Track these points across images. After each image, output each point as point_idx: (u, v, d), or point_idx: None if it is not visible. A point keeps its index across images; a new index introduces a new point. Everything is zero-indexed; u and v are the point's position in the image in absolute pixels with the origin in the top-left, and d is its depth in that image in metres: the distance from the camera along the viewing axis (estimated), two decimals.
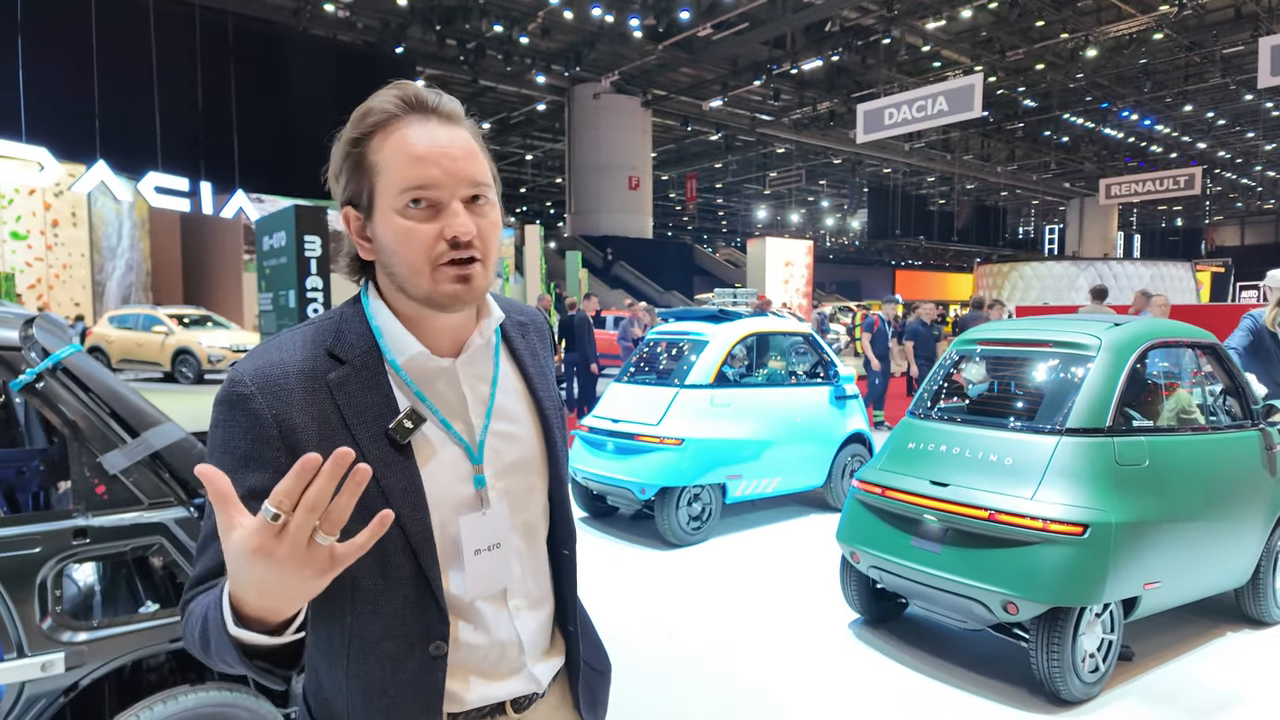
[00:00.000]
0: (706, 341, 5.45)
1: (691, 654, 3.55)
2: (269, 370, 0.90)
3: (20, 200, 13.49)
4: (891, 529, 3.43)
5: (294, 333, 0.96)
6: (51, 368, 2.01)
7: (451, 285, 0.89)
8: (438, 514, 0.93)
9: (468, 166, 0.89)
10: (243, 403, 0.87)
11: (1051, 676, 2.98)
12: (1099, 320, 3.63)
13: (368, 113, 0.90)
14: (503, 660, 0.99)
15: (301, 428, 0.87)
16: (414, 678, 0.93)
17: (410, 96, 0.90)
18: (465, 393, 0.98)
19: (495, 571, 0.97)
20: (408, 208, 0.87)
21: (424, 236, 0.88)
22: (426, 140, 0.88)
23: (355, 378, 0.91)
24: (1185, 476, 3.32)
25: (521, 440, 1.02)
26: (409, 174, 0.87)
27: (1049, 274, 29.93)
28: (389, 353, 0.93)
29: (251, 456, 0.87)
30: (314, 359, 0.91)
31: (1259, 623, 3.75)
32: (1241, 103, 27.18)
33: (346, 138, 0.91)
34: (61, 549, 1.94)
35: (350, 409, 0.90)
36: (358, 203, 0.91)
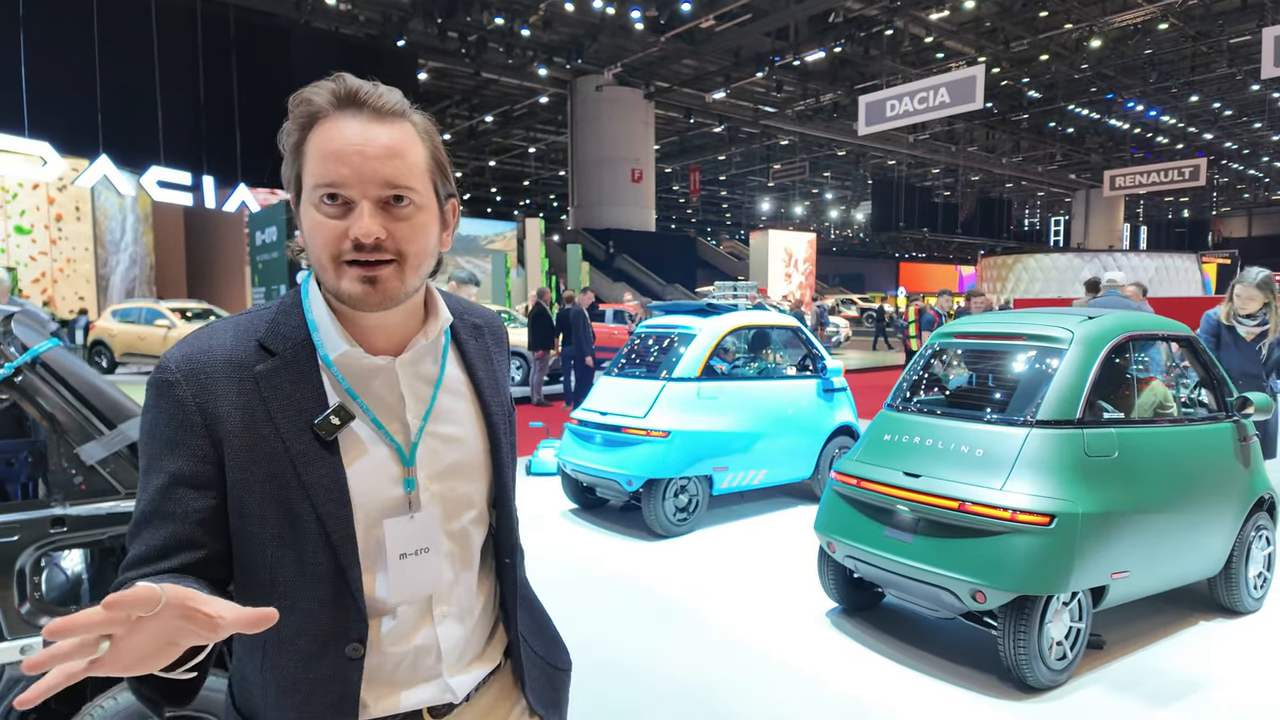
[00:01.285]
0: (694, 335, 5.50)
1: (670, 640, 3.61)
2: (195, 358, 0.89)
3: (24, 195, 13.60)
4: (866, 519, 3.48)
5: (227, 321, 0.95)
6: (30, 362, 2.08)
7: (354, 285, 0.87)
8: (363, 514, 0.91)
9: (382, 166, 0.86)
10: (168, 389, 0.88)
11: (1018, 664, 3.03)
12: (1073, 314, 3.66)
13: (300, 102, 0.89)
14: (417, 668, 0.97)
15: (225, 418, 0.87)
16: (328, 677, 0.91)
17: (343, 90, 0.88)
18: (404, 392, 0.96)
19: (422, 577, 0.95)
20: (321, 202, 0.87)
21: (330, 232, 0.86)
22: (343, 137, 0.86)
23: (285, 370, 0.91)
24: (1156, 468, 3.36)
25: (463, 444, 1.00)
26: (320, 170, 0.86)
27: (1053, 266, 29.84)
28: (322, 348, 0.92)
29: (175, 443, 0.88)
30: (243, 349, 0.91)
31: (1232, 612, 3.79)
32: (1248, 93, 26.96)
33: (288, 124, 0.90)
34: (39, 537, 2.01)
35: (276, 402, 0.89)
36: (288, 185, 0.92)
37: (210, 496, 0.88)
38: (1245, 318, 4.55)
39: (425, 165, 0.91)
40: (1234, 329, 4.56)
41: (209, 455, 0.88)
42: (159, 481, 0.88)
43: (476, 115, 27.81)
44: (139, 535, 0.89)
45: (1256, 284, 4.49)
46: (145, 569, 0.86)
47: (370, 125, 0.88)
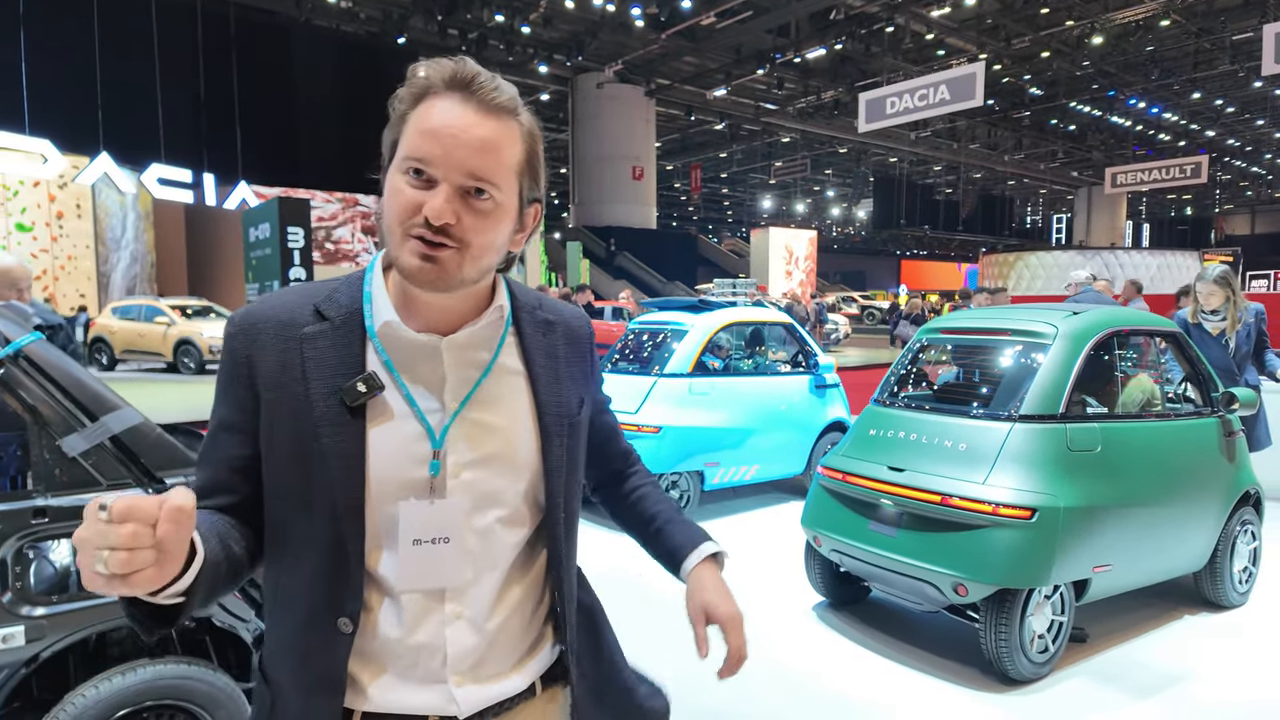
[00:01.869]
0: (686, 331, 5.51)
1: (653, 632, 3.63)
2: (254, 315, 0.94)
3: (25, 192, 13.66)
4: (851, 513, 3.50)
5: (296, 287, 0.99)
6: (12, 355, 2.11)
7: (414, 258, 0.86)
8: (378, 488, 0.90)
9: (472, 157, 0.86)
10: (228, 340, 0.94)
11: (1000, 656, 3.05)
12: (1058, 309, 3.67)
13: (416, 75, 0.90)
14: (418, 666, 0.92)
15: (264, 371, 0.91)
16: (318, 648, 0.91)
17: (460, 74, 0.88)
18: (445, 372, 0.93)
19: (435, 568, 0.91)
20: (407, 173, 0.87)
21: (406, 202, 0.86)
22: (443, 119, 0.87)
23: (330, 335, 0.92)
24: (1139, 463, 3.37)
25: (504, 436, 0.96)
26: (413, 143, 0.87)
27: (1054, 263, 29.80)
28: (369, 318, 0.93)
29: (225, 390, 0.94)
30: (298, 311, 0.94)
31: (1216, 606, 3.80)
32: (1251, 89, 26.89)
33: (402, 93, 0.91)
34: (21, 528, 2.03)
35: (313, 363, 0.90)
36: (385, 150, 0.92)
37: (246, 445, 0.92)
38: (1210, 314, 4.66)
39: (517, 166, 0.90)
40: (1201, 326, 4.66)
41: (248, 405, 0.92)
42: (211, 425, 0.95)
43: None
44: (196, 472, 0.96)
45: (1214, 279, 4.61)
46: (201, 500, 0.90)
47: (474, 114, 0.88)
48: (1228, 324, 4.59)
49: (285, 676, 0.94)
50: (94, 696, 2.07)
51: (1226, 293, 4.60)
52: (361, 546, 0.90)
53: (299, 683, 0.93)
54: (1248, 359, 4.62)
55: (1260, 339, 4.62)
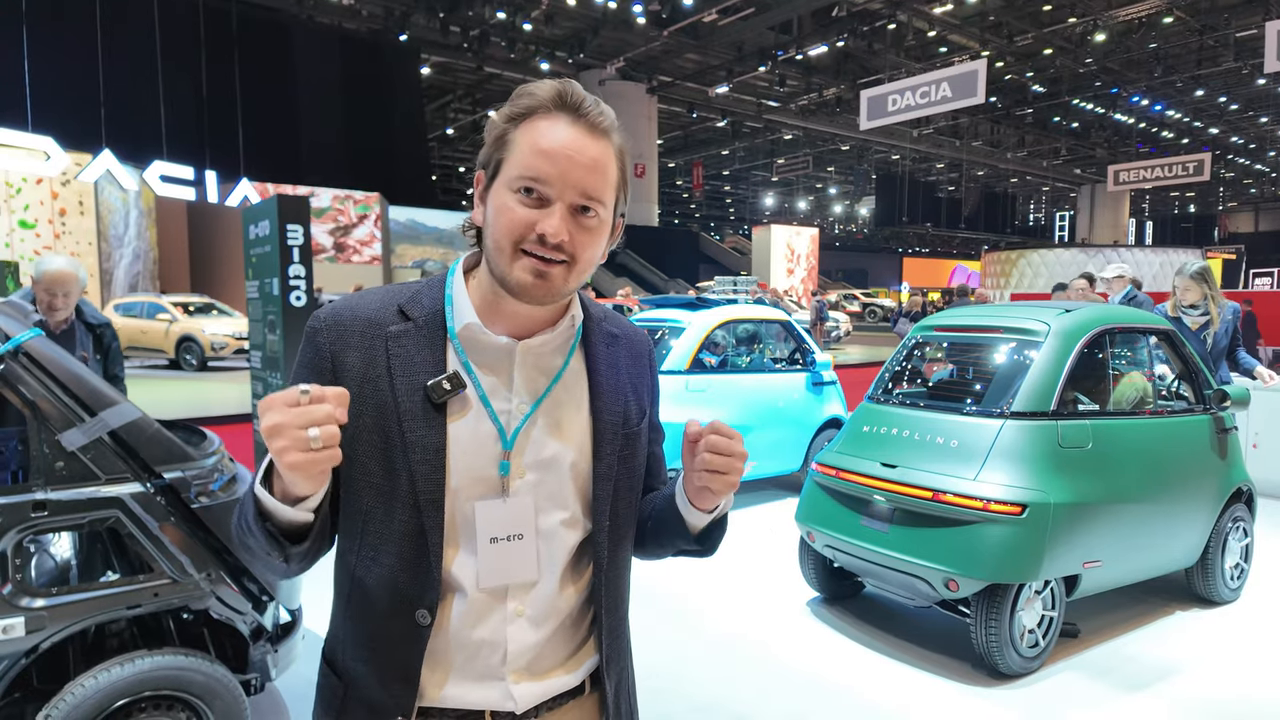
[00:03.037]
0: (683, 328, 5.54)
1: (648, 626, 3.66)
2: (341, 313, 0.97)
3: (28, 190, 13.71)
4: (844, 509, 3.53)
5: (379, 289, 1.02)
6: (12, 351, 2.14)
7: (525, 275, 0.90)
8: (455, 482, 0.93)
9: (586, 177, 0.90)
10: (313, 335, 0.96)
11: (990, 650, 3.08)
12: (1051, 307, 3.69)
13: (523, 95, 0.93)
14: (477, 661, 0.96)
15: (349, 367, 0.93)
16: (397, 639, 0.94)
17: (566, 95, 0.92)
18: (515, 375, 0.97)
19: (514, 563, 0.95)
20: (520, 191, 0.90)
21: (519, 219, 0.90)
22: (558, 139, 0.90)
23: (414, 334, 0.96)
24: (1130, 459, 3.39)
25: (566, 442, 1.00)
26: (528, 162, 0.90)
27: (1056, 261, 29.74)
28: (451, 319, 0.97)
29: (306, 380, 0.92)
30: (383, 311, 0.97)
31: (1208, 602, 3.82)
32: (1254, 87, 26.79)
33: (502, 113, 0.94)
34: (21, 521, 2.07)
35: (398, 359, 0.94)
36: (487, 167, 0.95)
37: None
38: (1189, 308, 4.69)
39: (615, 183, 0.95)
40: (1180, 320, 4.68)
41: None
42: None
43: (479, 110, 27.87)
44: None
45: (1191, 275, 4.65)
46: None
47: (584, 136, 0.92)
48: (1210, 320, 4.60)
49: (361, 667, 0.96)
50: (93, 687, 2.11)
51: (1203, 289, 4.63)
52: (440, 539, 0.93)
53: (375, 673, 0.95)
54: (1223, 355, 4.65)
55: (1235, 337, 4.66)
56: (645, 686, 3.08)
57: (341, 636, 1.00)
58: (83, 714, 2.09)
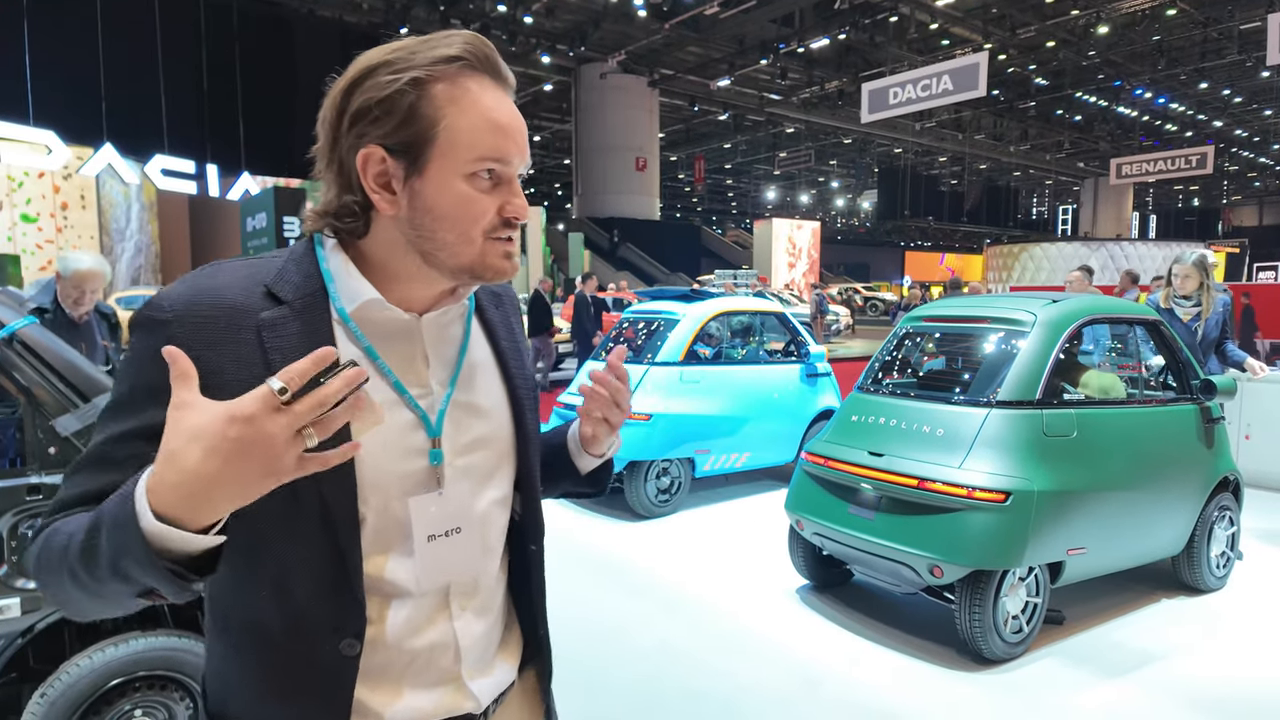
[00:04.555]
0: (678, 320, 5.57)
1: (642, 614, 3.71)
2: (196, 299, 0.79)
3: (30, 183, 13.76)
4: (832, 498, 3.57)
5: (232, 263, 0.85)
6: (7, 338, 2.18)
7: (499, 260, 0.84)
8: (378, 490, 0.82)
9: (527, 145, 0.85)
10: (160, 329, 0.77)
11: (974, 636, 3.12)
12: (1039, 297, 3.72)
13: (434, 49, 0.80)
14: (431, 667, 0.87)
15: (219, 370, 0.75)
16: (320, 677, 0.82)
17: (483, 54, 0.82)
18: (428, 352, 0.87)
19: (455, 560, 0.86)
20: (475, 176, 0.80)
21: (486, 206, 0.82)
22: (507, 110, 0.83)
23: (293, 321, 0.80)
24: (1115, 448, 3.42)
25: (488, 417, 0.92)
26: (490, 143, 0.80)
27: (1059, 255, 29.70)
28: (337, 299, 0.83)
29: (155, 388, 0.73)
30: (248, 294, 0.81)
31: (1194, 590, 3.86)
32: (1258, 79, 26.66)
33: (406, 74, 0.78)
34: (16, 504, 2.12)
35: (278, 353, 0.78)
36: (399, 150, 0.79)
37: None
38: (1182, 299, 4.66)
39: None
40: (1172, 311, 4.66)
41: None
42: (126, 426, 0.76)
43: None
44: (78, 476, 0.77)
45: (1192, 263, 4.60)
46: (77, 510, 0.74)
47: (509, 97, 0.85)
48: (1202, 310, 4.59)
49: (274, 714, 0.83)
50: (88, 666, 2.16)
51: (1201, 278, 4.60)
52: (359, 559, 0.81)
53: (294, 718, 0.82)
54: (1212, 347, 4.64)
55: (1224, 329, 4.64)
56: (636, 672, 3.14)
57: (236, 687, 0.84)
58: (78, 693, 2.14)
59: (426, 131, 0.79)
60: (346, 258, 0.85)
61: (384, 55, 0.81)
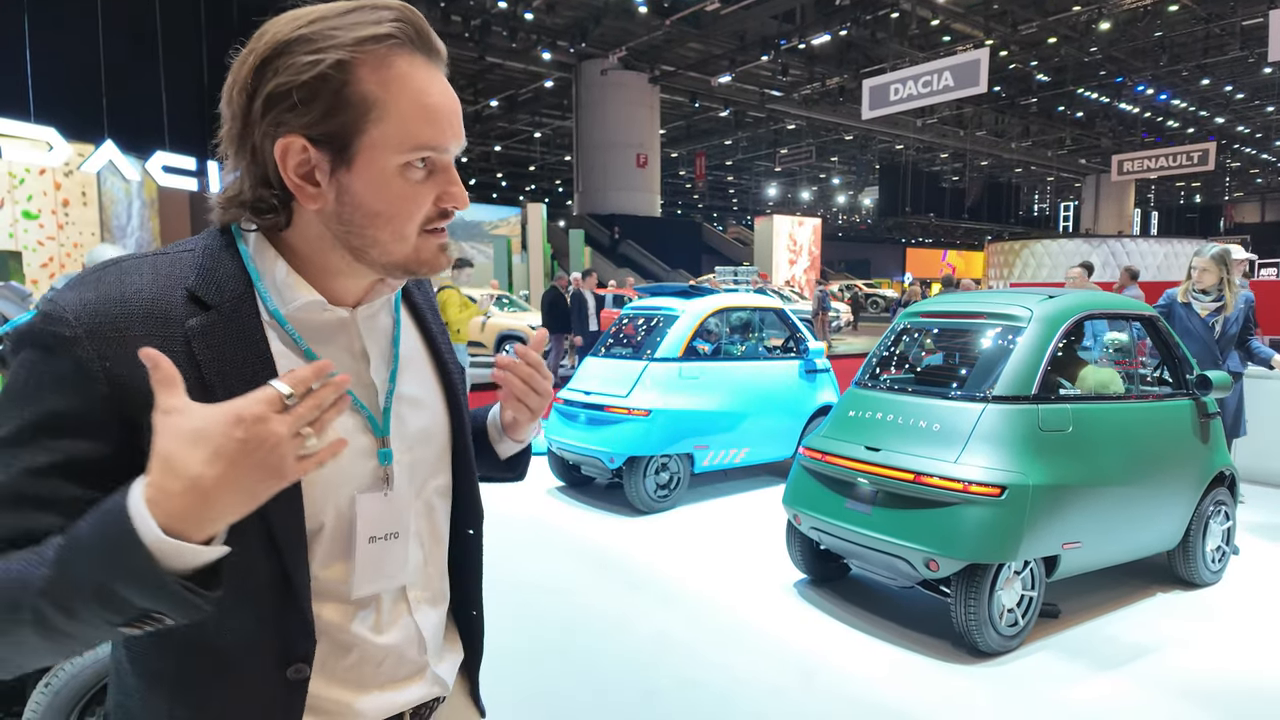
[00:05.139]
0: (677, 316, 5.59)
1: (640, 608, 3.74)
2: (104, 307, 0.69)
3: (31, 180, 13.79)
4: (829, 492, 3.59)
5: (139, 262, 0.75)
6: (10, 333, 2.21)
7: (434, 254, 0.79)
8: (332, 501, 0.78)
9: (461, 126, 0.79)
10: (65, 347, 0.67)
11: (969, 629, 3.14)
12: (1035, 293, 3.74)
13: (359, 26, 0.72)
14: (402, 664, 0.86)
15: (143, 389, 0.63)
16: (267, 707, 0.77)
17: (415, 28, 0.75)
18: (366, 349, 0.83)
19: (389, 564, 0.83)
20: (409, 166, 0.74)
21: (422, 200, 0.76)
22: (439, 92, 0.76)
23: (222, 328, 0.73)
24: (1110, 443, 3.44)
25: (426, 406, 0.89)
26: (425, 132, 0.74)
27: (1060, 251, 29.66)
28: (270, 300, 0.77)
29: (67, 417, 0.67)
30: (166, 299, 0.72)
31: (1190, 584, 3.88)
32: (1261, 76, 26.60)
33: (328, 55, 0.71)
34: None
35: (213, 367, 0.71)
36: (324, 140, 0.73)
37: (105, 484, 0.65)
38: (1201, 293, 4.57)
39: None
40: (1190, 305, 4.58)
41: (112, 436, 0.68)
42: (39, 461, 0.66)
43: (481, 100, 27.81)
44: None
45: (1212, 256, 4.51)
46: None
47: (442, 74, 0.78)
48: (1223, 305, 4.47)
49: None
50: (91, 658, 2.18)
51: (1221, 272, 4.49)
52: (307, 580, 0.77)
53: None
54: (1232, 344, 4.57)
55: (1247, 326, 4.55)
56: (633, 664, 3.16)
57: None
58: (81, 684, 2.17)
59: (355, 121, 0.72)
60: (277, 254, 0.79)
61: (299, 28, 0.72)
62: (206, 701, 0.75)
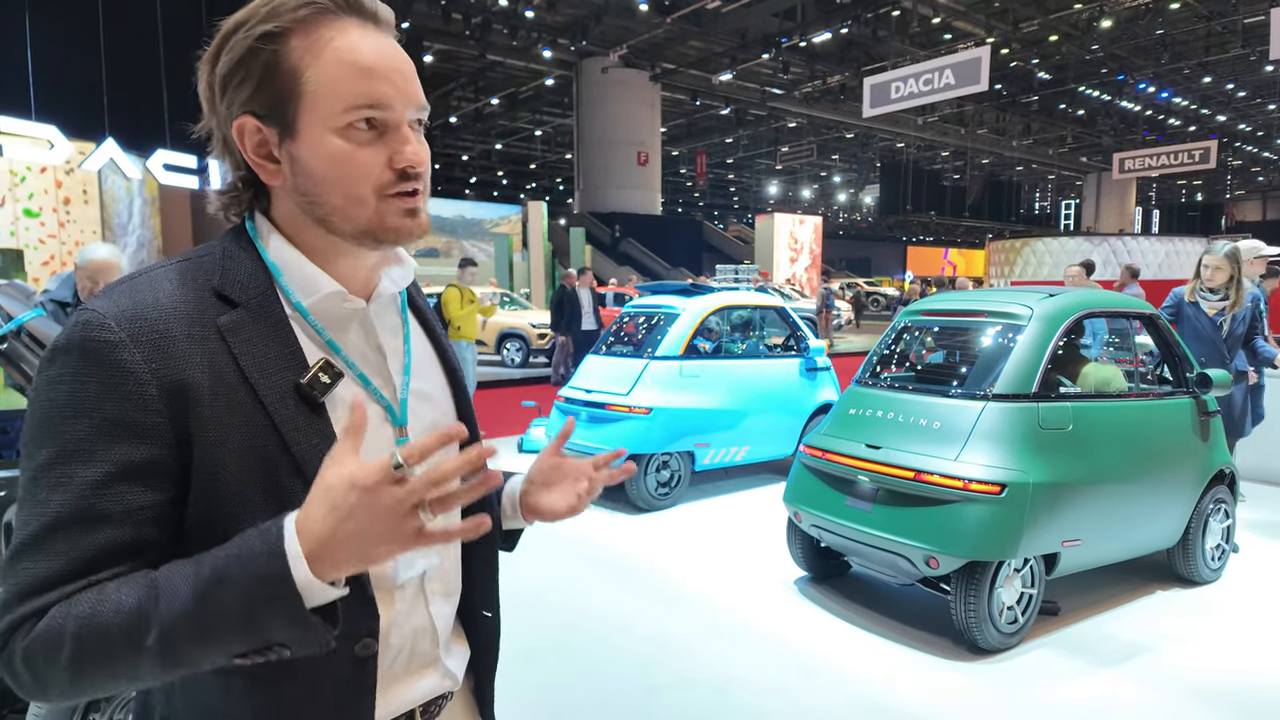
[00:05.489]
0: (678, 314, 5.60)
1: (641, 606, 3.75)
2: (142, 311, 0.72)
3: (32, 178, 13.80)
4: (829, 490, 3.60)
5: (164, 269, 0.78)
6: (15, 330, 2.22)
7: (399, 219, 0.78)
8: None
9: (415, 86, 0.78)
10: (108, 352, 0.69)
11: (969, 626, 3.15)
12: (1036, 291, 3.74)
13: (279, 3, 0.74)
14: (416, 654, 0.87)
15: (191, 385, 0.70)
16: (339, 687, 0.78)
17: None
18: (381, 341, 0.85)
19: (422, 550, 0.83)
20: (351, 128, 0.74)
21: (370, 162, 0.75)
22: (372, 50, 0.75)
23: (253, 323, 0.76)
24: (1110, 441, 3.45)
25: (436, 401, 0.92)
26: (359, 89, 0.74)
27: (1061, 250, 29.64)
28: (292, 294, 0.79)
29: (121, 423, 0.68)
30: (196, 300, 0.75)
31: (1189, 582, 3.89)
32: (1262, 74, 26.56)
33: (255, 30, 0.74)
34: None
35: (250, 360, 0.74)
36: (269, 115, 0.75)
37: (165, 488, 0.70)
38: (1209, 292, 4.49)
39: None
40: (1197, 304, 4.51)
41: (166, 437, 0.70)
42: (100, 472, 0.67)
43: (482, 98, 27.80)
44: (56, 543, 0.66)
45: (1224, 254, 4.42)
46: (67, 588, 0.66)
47: (385, 38, 0.78)
48: (1229, 305, 4.41)
49: None
50: None
51: (1232, 270, 4.40)
52: None
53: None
54: (1239, 343, 4.48)
55: (1254, 325, 4.48)
56: (633, 659, 3.17)
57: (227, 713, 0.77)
58: None
59: (289, 88, 0.74)
60: (285, 238, 0.81)
61: (241, 15, 0.77)
62: (280, 684, 0.76)
